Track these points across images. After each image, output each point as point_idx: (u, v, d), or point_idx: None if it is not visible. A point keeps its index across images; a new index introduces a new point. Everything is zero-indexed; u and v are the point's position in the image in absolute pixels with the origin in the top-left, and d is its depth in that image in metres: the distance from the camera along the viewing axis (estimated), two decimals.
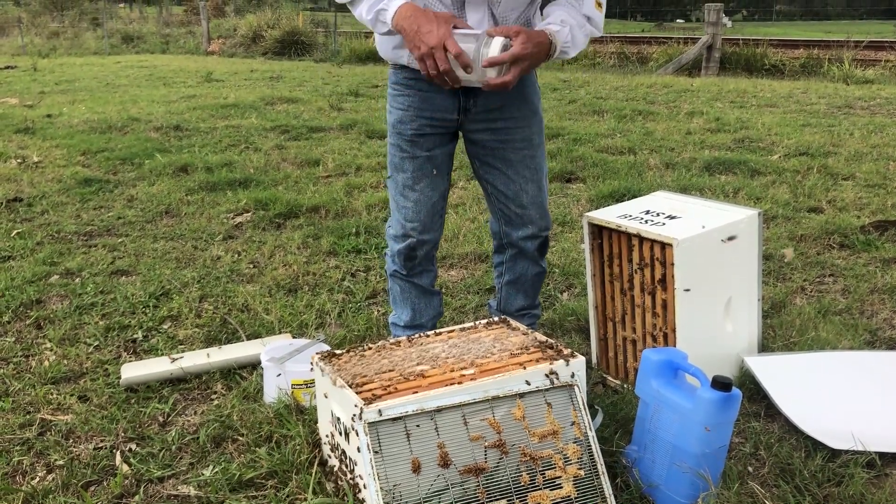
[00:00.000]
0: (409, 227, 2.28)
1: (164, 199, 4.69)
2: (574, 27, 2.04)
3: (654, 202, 2.48)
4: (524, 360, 1.90)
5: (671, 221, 2.27)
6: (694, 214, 2.33)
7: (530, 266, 2.44)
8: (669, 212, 2.36)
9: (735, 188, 4.66)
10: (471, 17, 2.05)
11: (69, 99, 9.66)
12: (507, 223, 2.36)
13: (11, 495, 1.96)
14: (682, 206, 2.40)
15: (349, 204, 4.51)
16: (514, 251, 2.41)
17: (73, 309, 3.14)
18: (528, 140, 2.27)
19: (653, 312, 2.30)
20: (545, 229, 2.38)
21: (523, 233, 2.36)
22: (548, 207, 2.39)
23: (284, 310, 3.04)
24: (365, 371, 1.89)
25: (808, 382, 2.28)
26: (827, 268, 3.42)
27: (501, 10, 2.08)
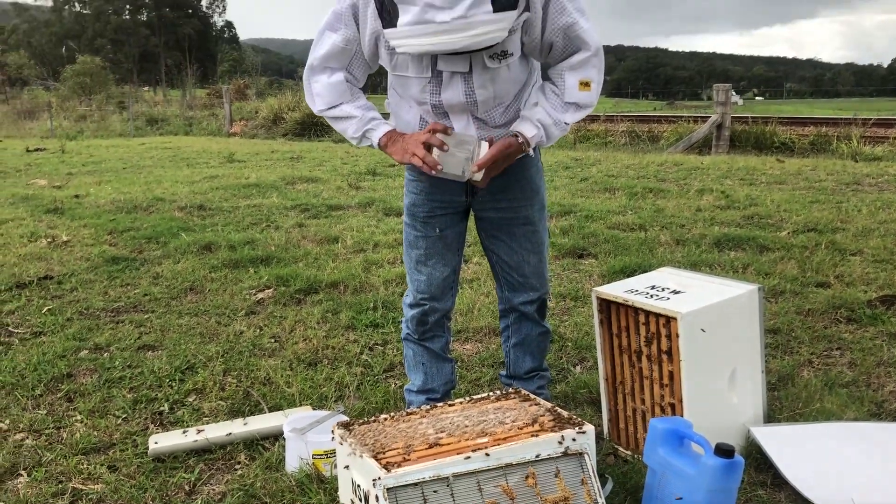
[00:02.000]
0: (421, 297, 2.44)
1: (188, 277, 4.85)
2: (549, 125, 2.24)
3: (659, 277, 2.59)
4: (536, 430, 1.99)
5: (675, 296, 2.39)
6: (697, 289, 2.44)
7: (533, 327, 2.61)
8: (674, 287, 2.47)
9: (744, 264, 4.76)
10: (457, 123, 2.26)
11: (96, 180, 9.98)
12: (509, 289, 2.54)
13: None
14: (687, 282, 2.51)
15: (367, 279, 4.65)
16: (516, 315, 2.59)
17: (102, 382, 3.26)
18: (530, 217, 2.46)
19: (661, 384, 2.39)
20: (544, 293, 2.58)
21: (524, 298, 2.55)
22: (547, 275, 2.57)
23: (305, 383, 3.14)
24: (383, 439, 1.99)
25: (814, 452, 2.35)
26: (834, 341, 3.50)
27: (482, 114, 2.26)
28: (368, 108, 2.31)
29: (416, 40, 1.93)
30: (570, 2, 2.11)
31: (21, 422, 2.93)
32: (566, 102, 2.23)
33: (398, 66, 2.20)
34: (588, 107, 2.26)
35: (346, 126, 2.30)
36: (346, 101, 2.30)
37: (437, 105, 2.22)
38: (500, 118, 2.28)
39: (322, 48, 2.23)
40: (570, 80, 2.19)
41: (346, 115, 2.28)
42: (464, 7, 1.85)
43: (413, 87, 2.22)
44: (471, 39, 1.90)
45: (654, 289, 2.48)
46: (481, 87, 2.17)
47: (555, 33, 2.15)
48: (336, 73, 2.27)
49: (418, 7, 1.88)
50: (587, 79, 2.20)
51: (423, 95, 2.21)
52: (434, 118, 2.27)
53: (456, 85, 2.17)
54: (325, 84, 2.28)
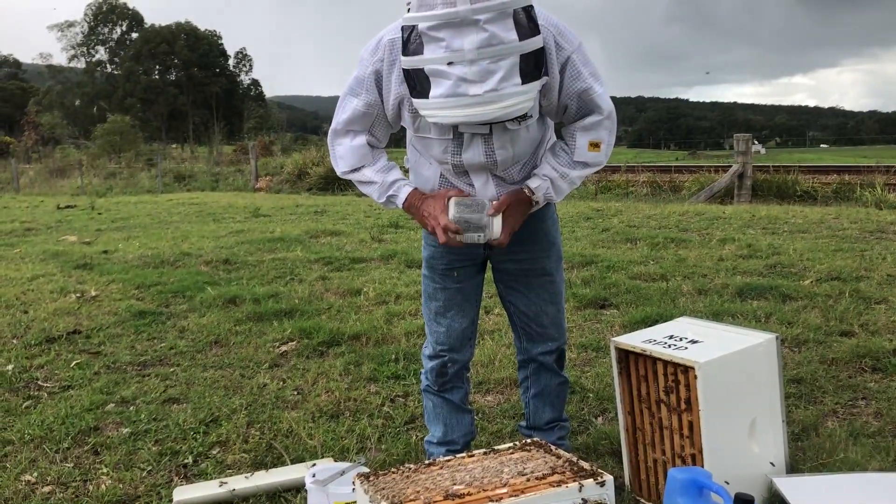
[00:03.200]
0: (440, 349, 2.48)
1: (213, 330, 4.91)
2: (556, 179, 2.32)
3: (678, 327, 2.61)
4: (555, 480, 2.00)
5: (693, 345, 2.40)
6: (715, 338, 2.45)
7: (552, 377, 2.64)
8: (692, 336, 2.48)
9: (767, 313, 4.74)
10: (476, 181, 2.32)
11: (124, 236, 10.17)
12: (528, 340, 2.57)
13: None
14: (705, 331, 2.53)
15: (389, 331, 4.68)
16: (535, 365, 2.61)
17: (128, 435, 3.30)
18: (547, 268, 2.50)
19: (680, 434, 2.39)
20: (562, 343, 2.60)
21: (543, 348, 2.57)
22: (565, 325, 2.59)
23: (327, 435, 3.17)
24: (404, 490, 2.00)
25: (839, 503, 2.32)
26: (859, 391, 3.47)
27: (500, 172, 2.32)
28: (388, 171, 2.38)
29: (448, 112, 1.99)
30: (584, 67, 2.19)
31: (49, 475, 2.97)
32: (575, 161, 2.29)
33: (421, 128, 2.28)
34: (596, 165, 2.33)
35: (369, 190, 2.38)
36: (368, 165, 2.37)
37: (457, 165, 2.29)
38: (518, 175, 2.34)
39: (344, 113, 2.32)
40: (580, 141, 2.27)
41: (368, 180, 2.36)
42: (495, 81, 1.92)
43: (434, 148, 2.30)
44: (502, 111, 1.97)
45: (672, 338, 2.49)
46: (501, 147, 2.24)
47: (570, 97, 2.23)
48: (358, 137, 2.36)
49: (451, 81, 1.94)
50: (598, 140, 2.27)
51: (444, 156, 2.28)
52: (454, 176, 2.34)
53: (476, 146, 2.24)
54: (348, 147, 2.36)
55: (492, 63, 1.91)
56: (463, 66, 1.91)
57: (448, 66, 1.92)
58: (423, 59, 1.96)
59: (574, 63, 2.17)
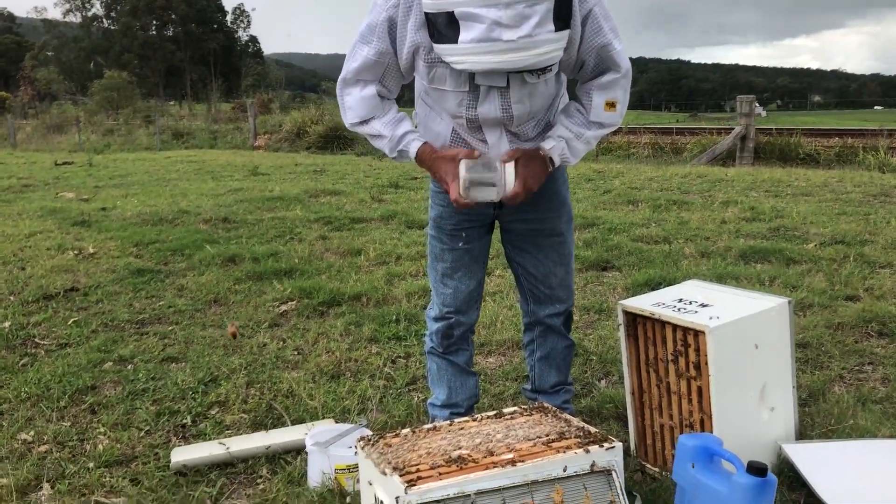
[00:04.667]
0: (447, 311, 2.42)
1: (212, 289, 4.86)
2: (571, 139, 2.24)
3: (686, 291, 2.55)
4: (562, 446, 1.96)
5: (703, 309, 2.34)
6: (726, 302, 2.39)
7: (559, 340, 2.58)
8: (702, 300, 2.43)
9: (771, 276, 4.69)
10: (490, 137, 2.24)
11: (122, 193, 10.08)
12: (535, 302, 2.51)
13: None
14: (714, 295, 2.47)
15: (389, 292, 4.63)
16: (542, 328, 2.56)
17: (125, 395, 3.27)
18: (558, 228, 2.43)
19: (688, 399, 2.34)
20: (570, 306, 2.55)
21: (551, 310, 2.52)
22: (573, 287, 2.53)
23: (327, 395, 3.13)
24: (406, 454, 1.96)
25: (849, 471, 2.29)
26: (865, 356, 3.43)
27: (515, 127, 2.24)
28: (398, 124, 2.28)
29: (480, 58, 1.90)
30: (605, 21, 2.11)
31: (45, 434, 2.93)
32: (590, 121, 2.22)
33: (435, 79, 2.18)
34: (612, 126, 2.26)
35: (380, 144, 2.30)
36: (378, 116, 2.28)
37: (472, 119, 2.21)
38: (532, 131, 2.26)
39: (355, 61, 2.22)
40: (596, 100, 2.19)
41: (377, 133, 2.27)
42: (530, 26, 1.84)
43: (449, 101, 2.21)
44: (535, 58, 1.89)
45: (681, 302, 2.43)
46: (518, 101, 2.15)
47: (588, 52, 2.14)
48: (368, 87, 2.26)
49: (485, 25, 1.85)
50: (614, 99, 2.19)
51: (458, 109, 2.20)
52: (467, 132, 2.26)
53: (493, 99, 2.15)
54: (357, 98, 2.26)
55: (527, 7, 1.82)
56: (498, 8, 1.82)
57: (482, 8, 1.83)
58: (453, 2, 1.87)
59: (596, 16, 2.08)
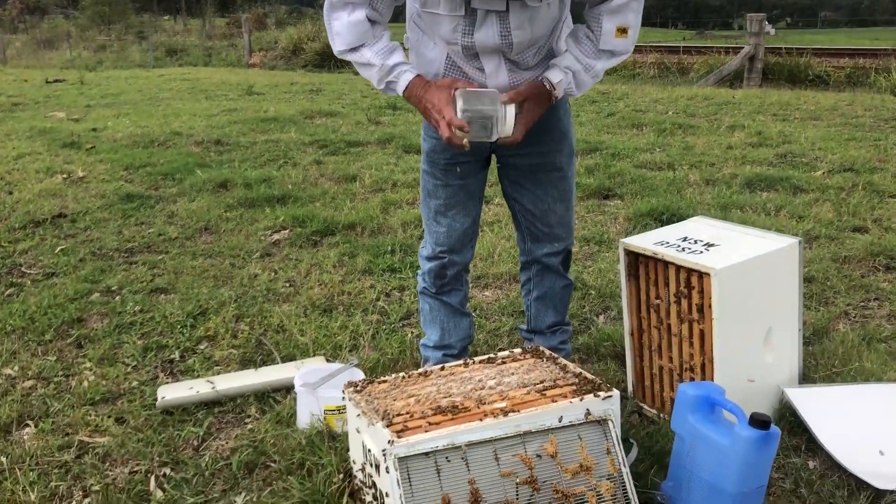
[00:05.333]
0: (440, 250, 2.31)
1: (203, 216, 4.74)
2: (579, 72, 2.08)
3: (692, 228, 2.43)
4: (557, 394, 1.88)
5: (709, 249, 2.23)
6: (733, 242, 2.28)
7: (557, 280, 2.47)
8: (707, 239, 2.32)
9: (777, 206, 4.57)
10: (487, 65, 2.08)
11: (114, 112, 9.85)
12: (533, 240, 2.40)
13: None
14: (721, 233, 2.36)
15: (385, 221, 4.52)
16: (539, 267, 2.45)
17: (112, 328, 3.19)
18: (558, 163, 2.30)
19: (689, 342, 2.25)
20: (569, 244, 2.44)
21: (549, 249, 2.41)
22: (574, 225, 2.43)
23: (319, 331, 3.05)
24: (394, 403, 1.88)
25: (851, 416, 2.22)
26: (872, 291, 3.34)
27: (514, 55, 2.08)
28: (389, 53, 2.10)
29: None
30: None
31: (30, 369, 2.87)
32: (600, 49, 2.05)
33: (428, 3, 2.00)
34: (623, 54, 2.09)
35: (368, 74, 2.12)
36: (367, 44, 2.10)
37: (468, 46, 2.04)
38: (533, 59, 2.10)
39: None
40: (606, 25, 2.01)
41: (366, 61, 2.09)
42: None
43: (443, 26, 2.04)
44: None
45: (685, 240, 2.32)
46: (518, 27, 1.99)
47: None
48: (357, 10, 2.07)
49: None
50: (625, 24, 2.01)
51: (453, 35, 2.03)
52: (462, 59, 2.09)
53: (490, 25, 1.99)
54: (346, 23, 2.08)
55: None
56: None
57: None
58: None
59: None
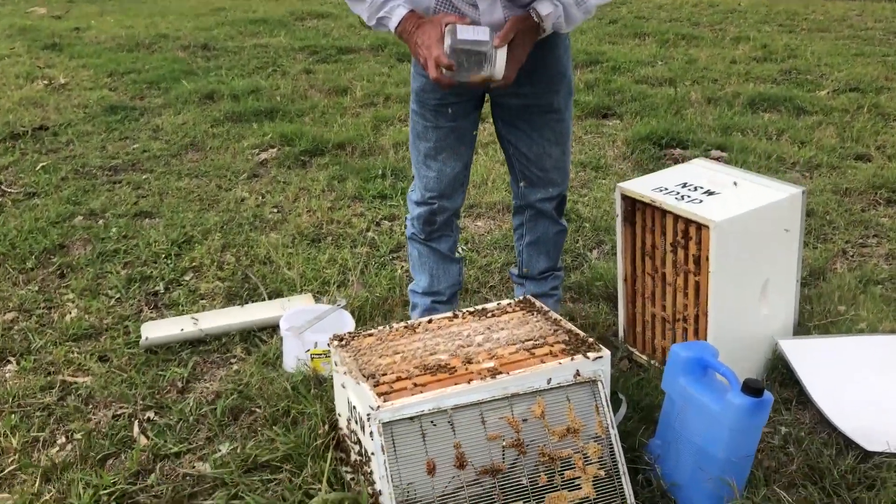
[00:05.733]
0: (429, 196, 2.22)
1: (189, 131, 4.60)
2: (570, 5, 1.93)
3: (692, 172, 2.34)
4: (546, 353, 1.83)
5: (709, 198, 2.15)
6: (734, 190, 2.20)
7: (550, 225, 2.39)
8: (708, 186, 2.23)
9: (779, 129, 4.45)
10: (481, 2, 1.92)
11: (98, 10, 9.47)
12: (526, 184, 2.31)
13: (31, 469, 1.97)
14: (722, 179, 2.26)
15: (376, 141, 4.39)
16: (533, 212, 2.37)
17: (95, 256, 3.12)
18: (556, 104, 2.19)
19: (684, 293, 2.20)
20: (564, 190, 2.34)
21: (542, 194, 2.32)
22: (569, 169, 2.33)
23: (307, 264, 2.98)
24: (379, 360, 1.83)
25: (845, 371, 2.19)
26: (871, 227, 3.27)
27: None
28: None
29: None
30: None
31: (11, 300, 2.81)
32: None
33: None
34: None
35: (359, 9, 1.98)
36: None
37: None
38: None
39: None
40: None
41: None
42: None
43: None
44: None
45: (685, 187, 2.23)
46: None
47: None
48: None
49: None
50: None
51: None
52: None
53: None
54: None
55: None
56: None
57: None
58: None
59: None
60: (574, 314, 2.63)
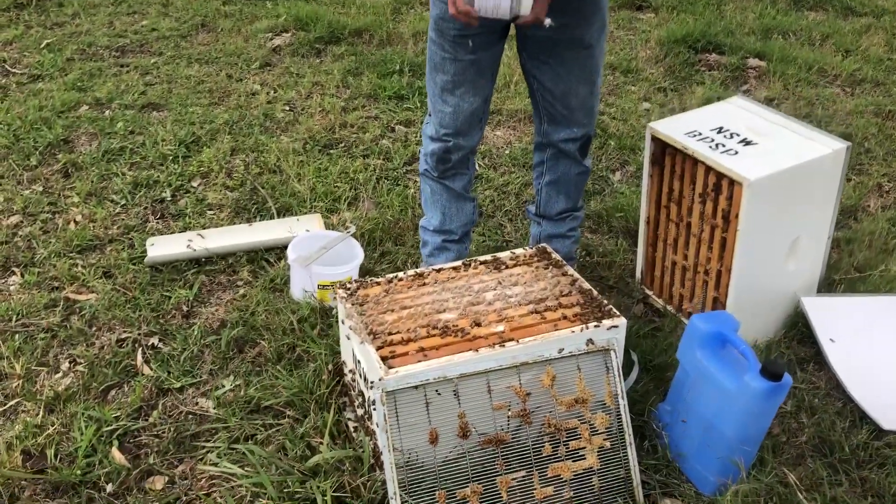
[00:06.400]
0: (444, 133, 2.08)
1: (200, 9, 4.36)
2: None
3: (729, 115, 2.18)
4: (559, 318, 1.76)
5: (745, 150, 2.01)
6: (774, 141, 2.05)
7: (572, 166, 2.24)
8: (745, 133, 2.08)
9: (823, 34, 4.17)
10: None
11: None
12: (550, 122, 2.16)
13: (35, 400, 1.96)
14: (761, 126, 2.11)
15: (395, 29, 4.15)
16: (554, 151, 2.22)
17: (101, 154, 3.02)
18: (587, 38, 2.01)
19: (709, 246, 2.10)
20: (590, 131, 2.18)
21: (566, 134, 2.16)
22: (597, 109, 2.17)
23: (317, 177, 2.88)
24: (385, 316, 1.77)
25: (868, 335, 2.11)
26: None
27: None
28: None
29: None
30: None
31: (16, 201, 2.74)
32: None
33: None
34: None
35: None
36: None
37: None
38: None
39: None
40: None
41: None
42: None
43: None
44: None
45: (721, 132, 2.09)
46: None
47: None
48: None
49: None
50: None
51: None
52: None
53: None
54: None
55: None
56: None
57: None
58: None
59: None
60: (592, 248, 2.55)
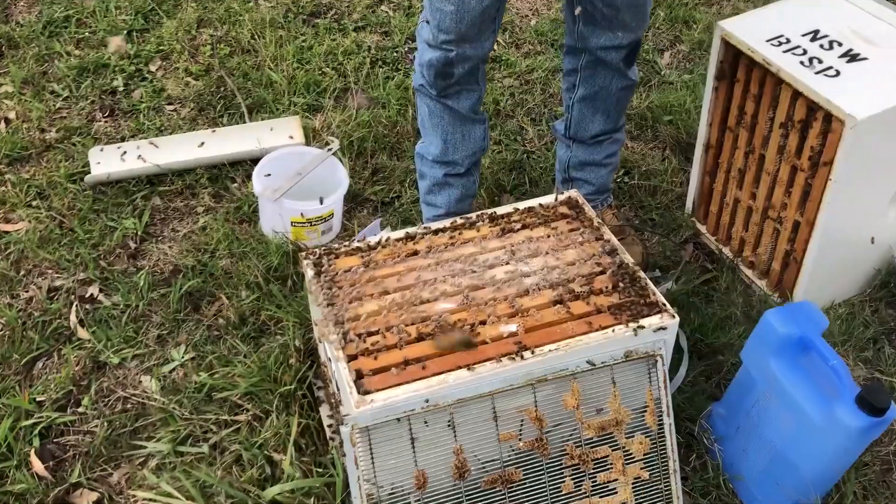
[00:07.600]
0: (443, 39, 1.54)
1: None
2: None
3: (830, 14, 1.63)
4: (591, 311, 1.33)
5: (849, 69, 1.49)
6: (890, 53, 1.52)
7: (614, 79, 1.69)
8: (851, 41, 1.55)
9: None
10: None
11: None
12: (586, 22, 1.60)
13: None
14: (875, 32, 1.57)
15: None
16: (591, 59, 1.67)
17: (42, 25, 2.50)
18: None
19: (786, 190, 1.62)
20: (640, 35, 1.64)
21: (607, 41, 1.61)
22: (650, 4, 1.61)
23: (298, 60, 2.35)
24: (364, 307, 1.35)
25: None
26: None
27: None
28: None
29: None
30: None
31: None
32: None
33: None
34: None
35: None
36: None
37: None
38: None
39: None
40: None
41: None
42: None
43: None
44: None
45: (816, 40, 1.56)
46: None
47: None
48: None
49: None
50: None
51: None
52: None
53: None
54: None
55: None
56: None
57: None
58: None
59: None
60: (631, 165, 2.07)
